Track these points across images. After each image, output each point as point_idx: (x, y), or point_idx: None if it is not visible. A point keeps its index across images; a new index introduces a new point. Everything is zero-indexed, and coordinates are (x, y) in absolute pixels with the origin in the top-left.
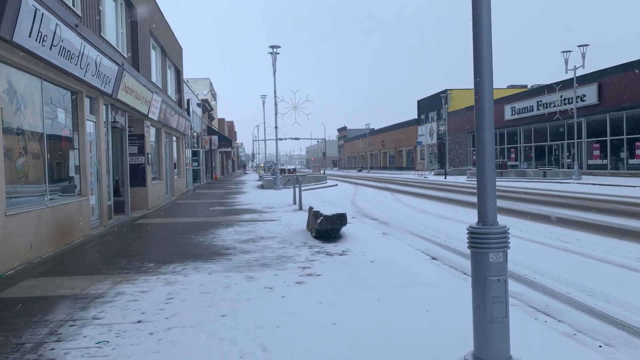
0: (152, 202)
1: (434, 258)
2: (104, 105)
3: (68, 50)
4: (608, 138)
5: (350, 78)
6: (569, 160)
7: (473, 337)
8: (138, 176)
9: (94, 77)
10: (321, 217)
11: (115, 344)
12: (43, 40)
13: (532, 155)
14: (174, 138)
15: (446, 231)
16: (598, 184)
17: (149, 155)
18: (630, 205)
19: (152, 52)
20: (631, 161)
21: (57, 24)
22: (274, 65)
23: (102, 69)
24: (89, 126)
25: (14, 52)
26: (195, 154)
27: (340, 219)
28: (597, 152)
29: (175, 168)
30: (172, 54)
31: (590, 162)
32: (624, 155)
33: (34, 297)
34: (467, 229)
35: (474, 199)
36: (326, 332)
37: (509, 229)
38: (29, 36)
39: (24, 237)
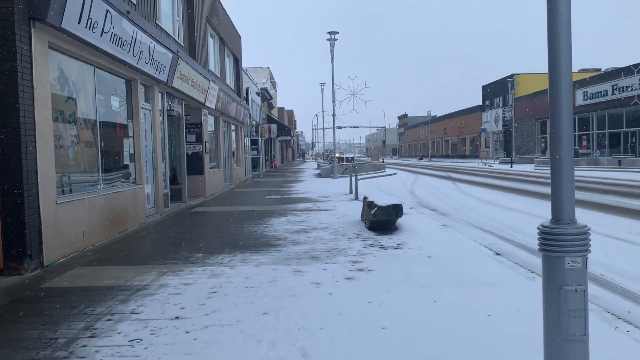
0: (210, 190)
1: (497, 254)
2: (159, 93)
3: (120, 38)
4: None
5: (410, 64)
6: None
7: (544, 356)
8: (196, 164)
9: (148, 64)
10: (375, 208)
11: (149, 342)
12: (93, 27)
13: (606, 142)
14: (233, 127)
15: (512, 224)
16: None
17: (207, 144)
18: None
19: (210, 41)
20: None
21: (107, 11)
22: (331, 52)
23: (156, 57)
24: (144, 114)
25: (64, 39)
26: (254, 142)
27: (396, 209)
28: None
29: (234, 156)
30: (230, 42)
31: None
32: None
33: (78, 288)
34: (539, 228)
35: (544, 189)
36: (374, 336)
37: (589, 229)
38: (78, 23)
39: (75, 226)
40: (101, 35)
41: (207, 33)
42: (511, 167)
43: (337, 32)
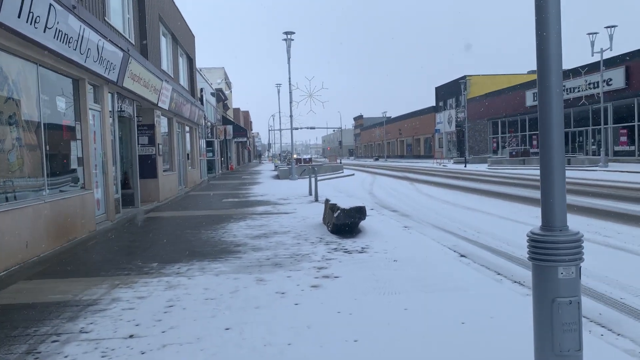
0: (164, 194)
1: (462, 255)
2: (109, 94)
3: (65, 34)
4: (636, 123)
5: (366, 65)
6: (594, 147)
7: None
8: (149, 167)
9: (96, 63)
10: (338, 211)
11: None
12: (35, 22)
13: None
14: (187, 128)
15: (473, 224)
16: (627, 172)
17: (160, 146)
18: None
19: (162, 39)
20: None
21: (50, 5)
22: (288, 52)
23: (105, 55)
24: (93, 115)
25: (3, 35)
26: (209, 144)
27: (359, 212)
28: (624, 138)
29: (188, 159)
30: (183, 41)
31: (617, 148)
32: None
33: (20, 305)
34: (528, 235)
35: (499, 189)
36: (346, 351)
37: (582, 236)
38: (18, 17)
39: (18, 236)
40: (44, 31)
41: (160, 31)
42: (465, 166)
43: (294, 32)
